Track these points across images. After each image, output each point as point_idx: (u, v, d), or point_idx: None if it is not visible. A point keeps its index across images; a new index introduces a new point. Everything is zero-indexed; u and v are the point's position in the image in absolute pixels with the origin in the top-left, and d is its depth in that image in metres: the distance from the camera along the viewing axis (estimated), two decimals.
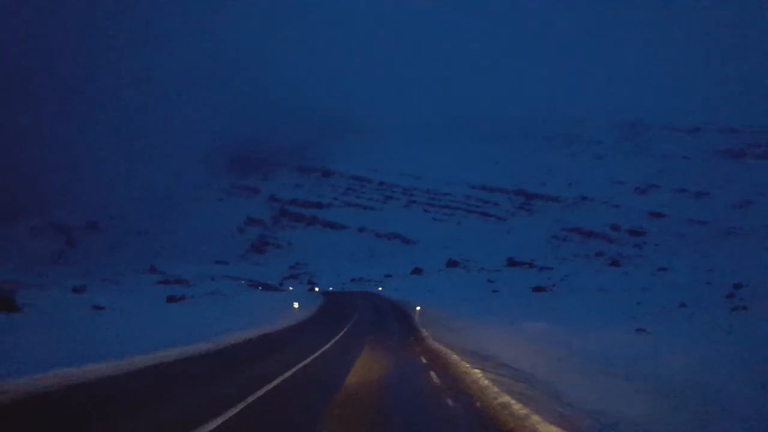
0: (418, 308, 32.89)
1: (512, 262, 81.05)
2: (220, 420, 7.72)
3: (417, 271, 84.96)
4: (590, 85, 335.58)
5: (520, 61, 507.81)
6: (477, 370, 12.79)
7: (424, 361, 16.24)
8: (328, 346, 19.32)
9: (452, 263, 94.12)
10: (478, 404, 9.79)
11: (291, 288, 77.43)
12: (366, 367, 14.39)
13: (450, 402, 10.09)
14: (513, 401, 9.22)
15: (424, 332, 24.16)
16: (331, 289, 77.71)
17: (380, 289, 73.68)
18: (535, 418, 7.94)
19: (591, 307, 30.94)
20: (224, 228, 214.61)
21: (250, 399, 9.30)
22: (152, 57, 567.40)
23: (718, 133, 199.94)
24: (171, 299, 29.26)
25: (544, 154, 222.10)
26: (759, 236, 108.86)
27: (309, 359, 15.49)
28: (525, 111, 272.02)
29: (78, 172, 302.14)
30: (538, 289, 51.94)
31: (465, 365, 14.17)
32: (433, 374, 13.43)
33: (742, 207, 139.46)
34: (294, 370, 13.30)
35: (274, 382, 11.27)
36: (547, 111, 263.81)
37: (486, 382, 11.43)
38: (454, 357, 16.02)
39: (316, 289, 77.07)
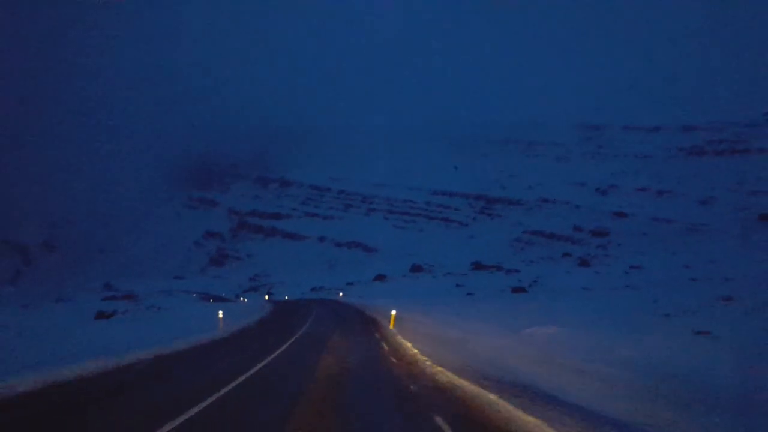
0: (393, 312, 25.46)
1: (478, 266, 78.22)
2: None
3: (380, 277, 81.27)
4: (547, 89, 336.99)
5: (476, 67, 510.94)
6: None
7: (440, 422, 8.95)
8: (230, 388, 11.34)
9: (416, 268, 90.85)
10: None
11: (244, 299, 73.04)
12: None
13: None
14: None
15: (411, 347, 17.66)
16: (286, 298, 73.38)
17: (341, 294, 68.33)
18: None
19: (590, 307, 27.80)
20: (183, 242, 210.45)
21: None
22: (109, 70, 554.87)
23: (678, 131, 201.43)
24: (100, 315, 25.30)
25: (504, 159, 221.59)
26: (724, 231, 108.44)
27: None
28: (482, 117, 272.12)
29: (35, 188, 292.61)
30: (518, 290, 48.36)
31: (525, 418, 8.58)
32: None
33: (705, 203, 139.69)
34: None
35: None
36: (504, 116, 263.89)
37: None
38: (490, 397, 10.09)
39: (266, 297, 72.92)
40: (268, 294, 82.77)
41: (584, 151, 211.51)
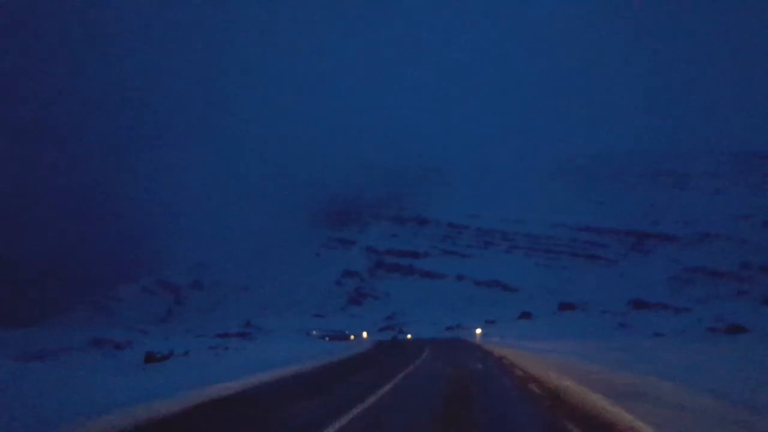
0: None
1: (639, 304, 69.66)
2: None
3: (525, 315, 74.17)
4: (697, 114, 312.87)
5: (616, 93, 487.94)
6: None
7: None
8: None
9: (566, 306, 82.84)
10: None
11: (365, 335, 69.21)
12: None
13: None
14: None
15: None
16: (409, 336, 68.80)
17: (478, 333, 57.74)
18: None
19: None
20: (323, 281, 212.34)
21: None
22: (252, 109, 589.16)
23: None
24: (150, 358, 22.77)
25: (654, 192, 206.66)
26: None
27: None
28: (626, 147, 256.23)
29: (186, 230, 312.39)
30: (736, 329, 39.24)
31: None
32: None
33: None
34: None
35: None
36: (651, 145, 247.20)
37: None
38: None
39: (351, 337, 68.91)
40: (401, 332, 78.74)
41: (748, 182, 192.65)
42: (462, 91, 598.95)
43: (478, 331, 44.05)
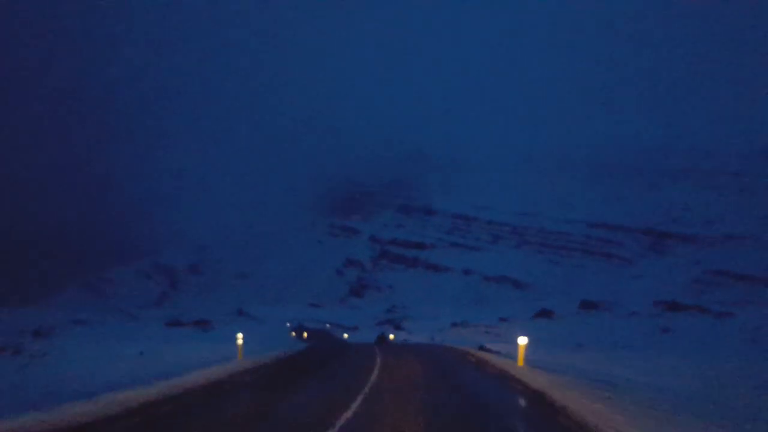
0: None
1: (672, 306, 60.41)
2: None
3: (545, 313, 64.26)
4: (721, 111, 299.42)
5: (637, 87, 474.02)
6: None
7: None
8: None
9: (589, 305, 73.20)
10: None
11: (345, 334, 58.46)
12: None
13: None
14: None
15: None
16: (391, 337, 52.92)
17: (522, 343, 20.00)
18: None
19: None
20: (323, 270, 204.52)
21: None
22: (257, 95, 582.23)
23: None
24: None
25: (675, 190, 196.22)
26: None
27: None
28: (647, 143, 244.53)
29: (185, 213, 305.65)
30: None
31: None
32: None
33: None
34: None
35: None
36: (674, 142, 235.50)
37: None
38: None
39: (291, 334, 59.17)
40: (398, 329, 68.35)
41: None
42: (477, 78, 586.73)
43: (522, 342, 15.50)
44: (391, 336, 54.31)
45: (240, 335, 23.75)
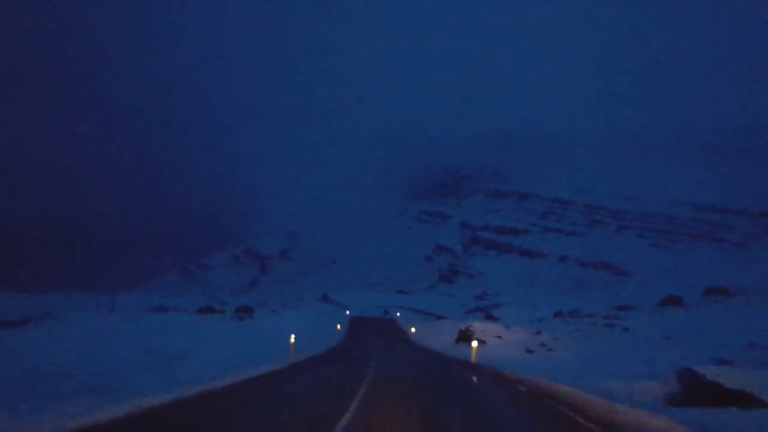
0: None
1: None
2: None
3: (673, 301, 55.96)
4: None
5: (742, 63, 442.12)
6: None
7: None
8: None
9: (717, 291, 62.73)
10: None
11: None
12: None
13: None
14: None
15: None
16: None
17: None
18: None
19: None
20: (413, 257, 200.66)
21: None
22: (352, 79, 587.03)
23: None
24: None
25: None
26: None
27: None
28: (757, 122, 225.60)
29: (277, 201, 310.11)
30: None
31: None
32: None
33: None
34: None
35: None
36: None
37: None
38: None
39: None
40: (489, 318, 59.04)
41: None
42: (574, 61, 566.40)
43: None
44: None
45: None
